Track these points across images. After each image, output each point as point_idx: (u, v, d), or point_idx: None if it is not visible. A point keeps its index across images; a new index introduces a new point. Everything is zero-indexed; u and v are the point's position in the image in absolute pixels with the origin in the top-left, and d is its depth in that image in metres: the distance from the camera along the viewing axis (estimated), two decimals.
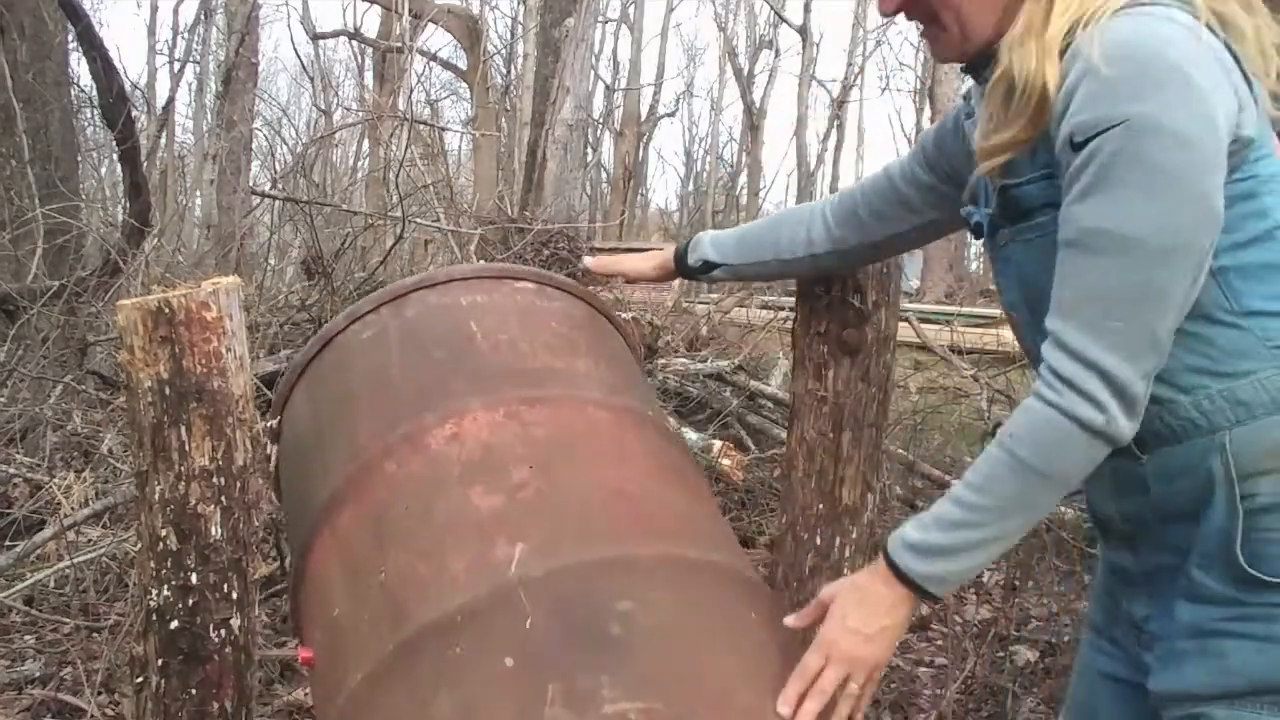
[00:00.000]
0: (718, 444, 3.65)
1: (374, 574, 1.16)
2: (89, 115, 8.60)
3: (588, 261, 1.67)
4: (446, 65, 18.61)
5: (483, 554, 1.10)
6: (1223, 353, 1.07)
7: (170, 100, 11.78)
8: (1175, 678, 1.11)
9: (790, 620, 1.18)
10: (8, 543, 3.03)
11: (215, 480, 1.44)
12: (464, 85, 18.20)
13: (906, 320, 6.47)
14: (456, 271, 1.48)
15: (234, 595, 1.47)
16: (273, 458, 1.49)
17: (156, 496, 1.43)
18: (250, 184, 9.27)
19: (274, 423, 1.48)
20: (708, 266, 1.57)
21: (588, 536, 1.13)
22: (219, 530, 1.45)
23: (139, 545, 1.47)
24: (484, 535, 1.12)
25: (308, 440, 1.42)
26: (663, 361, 4.44)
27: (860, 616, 1.13)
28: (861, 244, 1.47)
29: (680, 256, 1.61)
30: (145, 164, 5.77)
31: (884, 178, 1.45)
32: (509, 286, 1.45)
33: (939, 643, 3.23)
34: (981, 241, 1.28)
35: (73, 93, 6.56)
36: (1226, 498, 1.06)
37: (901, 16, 1.18)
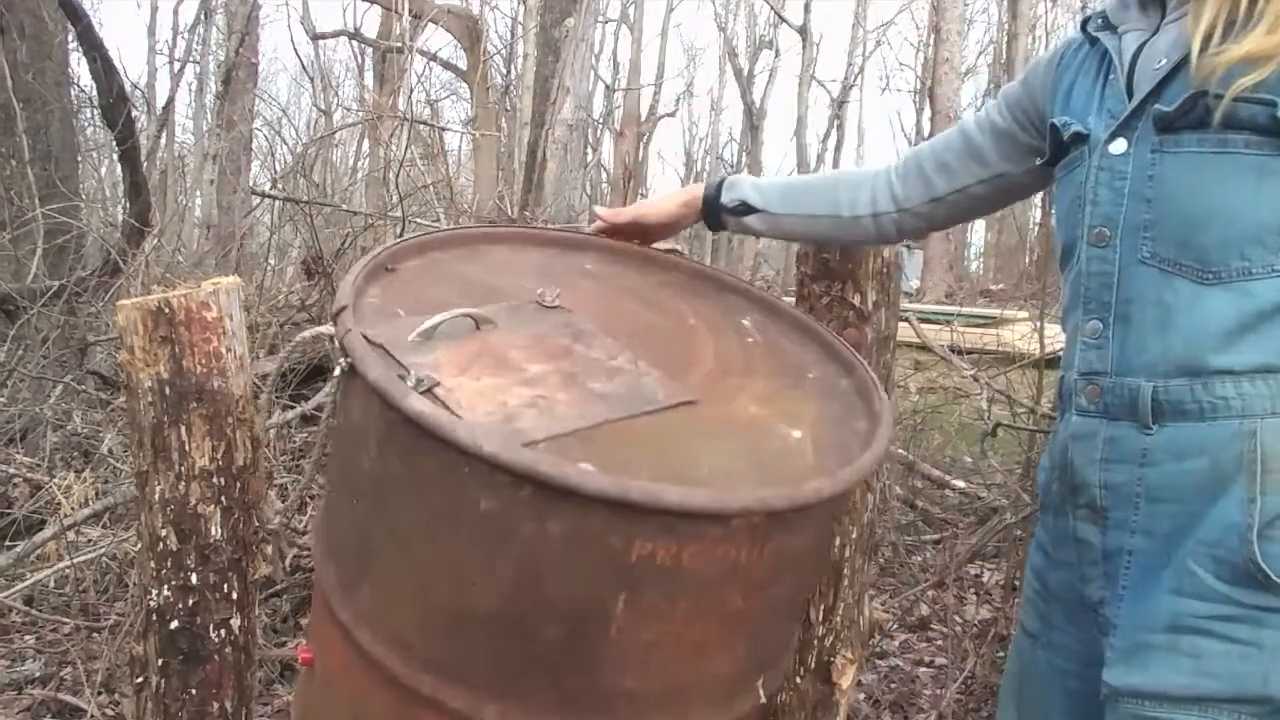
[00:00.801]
0: None
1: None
2: (89, 115, 8.60)
3: (598, 211, 1.49)
4: (446, 65, 18.60)
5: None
6: None
7: (170, 100, 11.76)
8: (1140, 673, 1.06)
9: None
10: (8, 543, 3.03)
11: (215, 480, 1.44)
12: (464, 85, 18.20)
13: (906, 320, 6.45)
14: (664, 498, 0.92)
15: (234, 595, 1.47)
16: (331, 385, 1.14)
17: (156, 496, 1.43)
18: (250, 184, 9.26)
19: (345, 364, 1.07)
20: (744, 209, 1.45)
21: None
22: (219, 530, 1.45)
23: (139, 545, 1.47)
24: None
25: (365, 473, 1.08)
26: None
27: None
28: (926, 202, 1.38)
29: (711, 197, 1.46)
30: (145, 164, 5.77)
31: (955, 130, 1.38)
32: (721, 529, 0.96)
33: (939, 643, 3.23)
34: (1058, 163, 1.21)
35: (73, 93, 6.55)
36: (1246, 489, 1.01)
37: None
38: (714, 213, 1.47)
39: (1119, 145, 1.12)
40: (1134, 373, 1.10)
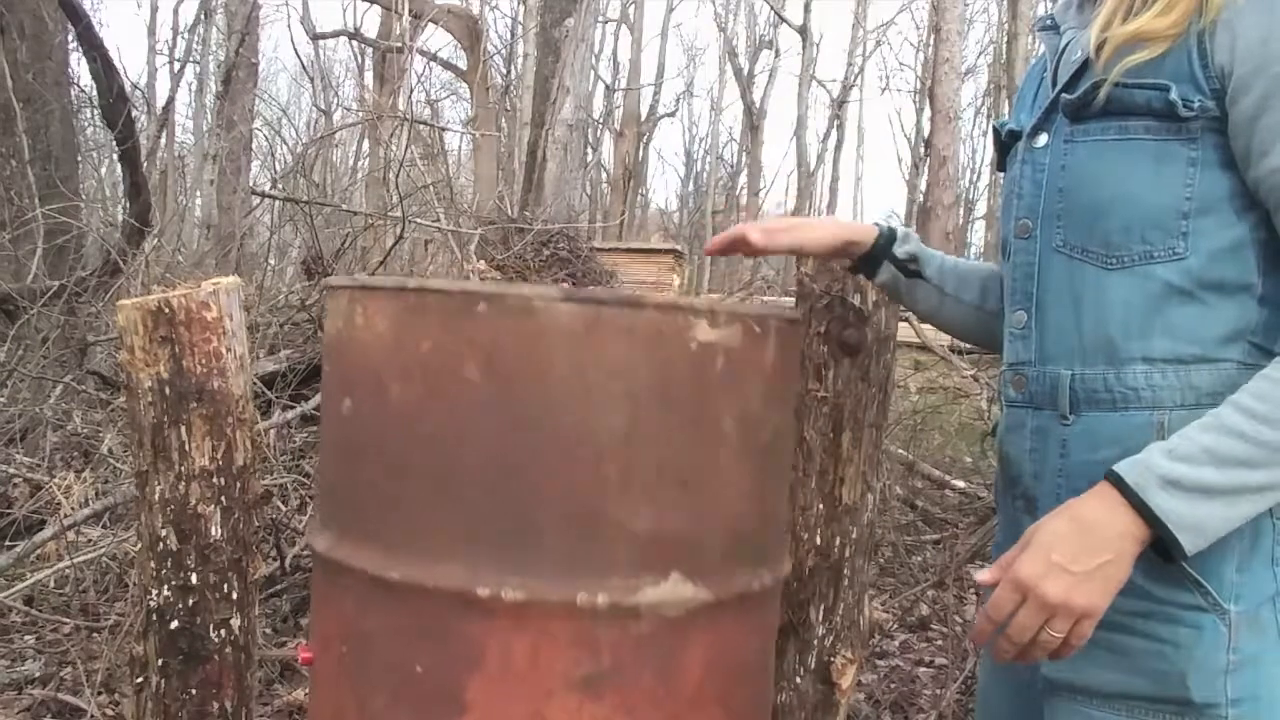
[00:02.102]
0: None
1: None
2: (89, 115, 8.60)
3: (750, 234, 1.28)
4: (446, 65, 18.61)
5: None
6: (1214, 331, 1.02)
7: (170, 100, 11.77)
8: (1072, 669, 1.05)
9: (982, 576, 1.03)
10: (8, 543, 3.04)
11: (215, 480, 1.44)
12: (464, 85, 18.20)
13: (906, 320, 6.47)
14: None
15: (234, 595, 1.47)
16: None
17: (156, 496, 1.43)
18: (250, 184, 9.26)
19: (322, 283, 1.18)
20: (914, 269, 1.34)
21: None
22: (219, 530, 1.45)
23: (139, 545, 1.47)
24: None
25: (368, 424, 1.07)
26: None
27: (1071, 549, 0.96)
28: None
29: (883, 244, 1.33)
30: (145, 164, 5.77)
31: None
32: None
33: (939, 643, 3.23)
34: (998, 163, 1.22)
35: (73, 93, 6.56)
36: None
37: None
38: (879, 256, 1.35)
39: (1041, 139, 1.14)
40: (1054, 361, 1.11)
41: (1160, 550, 0.96)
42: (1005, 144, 1.23)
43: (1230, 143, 1.00)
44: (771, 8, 22.98)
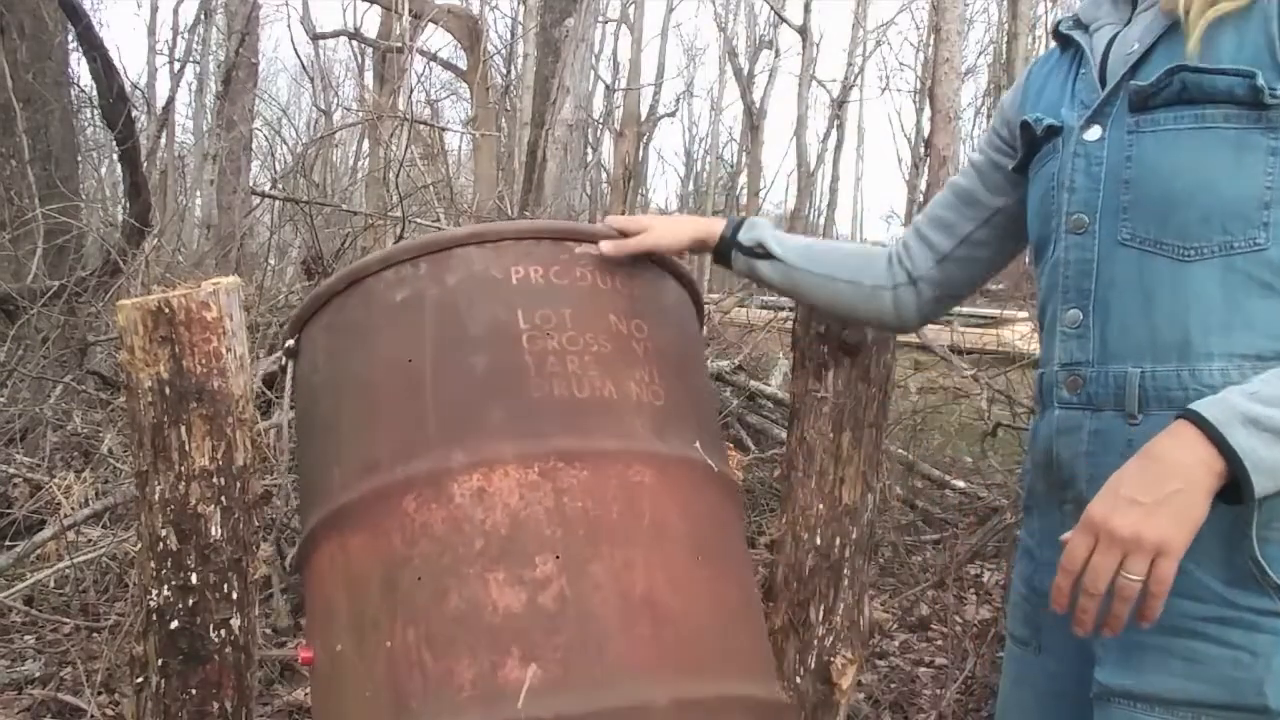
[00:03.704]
0: None
1: (380, 634, 1.12)
2: (89, 115, 8.60)
3: (611, 221, 1.41)
4: (446, 65, 18.60)
5: (493, 668, 1.07)
6: None
7: (170, 100, 11.76)
8: (1132, 675, 1.03)
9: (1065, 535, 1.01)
10: (8, 543, 3.04)
11: (215, 480, 1.44)
12: (464, 85, 18.19)
13: None
14: (510, 230, 1.29)
15: (234, 595, 1.47)
16: (288, 374, 1.41)
17: (156, 496, 1.43)
18: (250, 184, 9.26)
19: (290, 343, 1.40)
20: (761, 252, 1.41)
21: (605, 670, 1.07)
22: (219, 530, 1.45)
23: (139, 545, 1.47)
24: (497, 643, 1.08)
25: (324, 405, 1.31)
26: None
27: (1140, 482, 0.94)
28: (935, 264, 1.35)
29: (728, 235, 1.42)
30: (145, 164, 5.77)
31: (945, 189, 1.37)
32: (569, 255, 1.29)
33: (939, 643, 3.23)
34: (1031, 161, 1.20)
35: (73, 93, 6.56)
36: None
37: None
38: (727, 248, 1.44)
39: (1094, 132, 1.11)
40: (1119, 359, 1.07)
41: (1228, 496, 0.93)
42: (1040, 139, 1.18)
43: None
44: (771, 8, 22.98)
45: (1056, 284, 1.14)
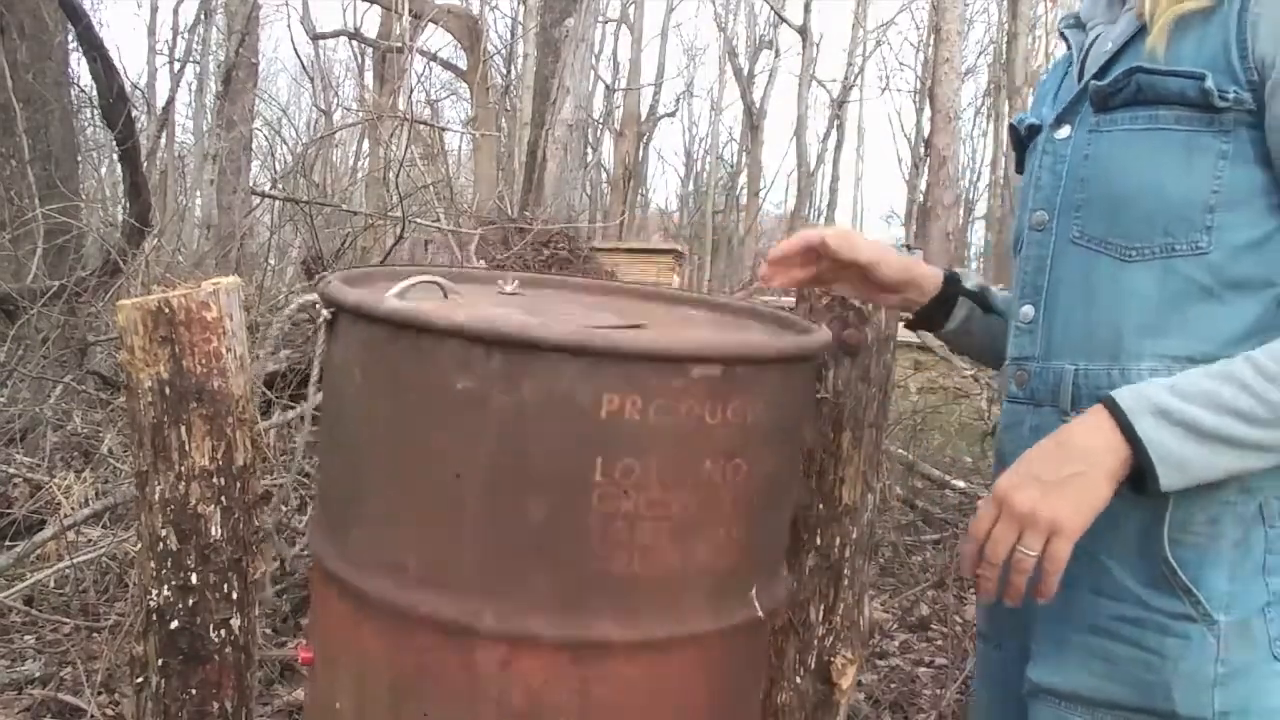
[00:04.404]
0: None
1: None
2: (89, 115, 8.60)
3: (828, 240, 1.24)
4: (446, 65, 18.61)
5: None
6: (1230, 330, 0.98)
7: (170, 100, 11.78)
8: (1058, 672, 1.04)
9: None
10: (8, 543, 3.04)
11: (215, 480, 1.44)
12: (464, 85, 18.20)
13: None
14: (622, 345, 1.00)
15: (234, 595, 1.47)
16: (318, 345, 1.21)
17: (156, 496, 1.43)
18: (250, 184, 9.27)
19: (327, 314, 1.17)
20: (985, 303, 1.29)
21: None
22: (219, 530, 1.45)
23: (139, 545, 1.48)
24: None
25: (352, 429, 1.13)
26: None
27: (1045, 461, 0.96)
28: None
29: (951, 279, 1.29)
30: (145, 164, 5.77)
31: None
32: (682, 381, 1.01)
33: (939, 643, 3.23)
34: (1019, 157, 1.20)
35: (73, 93, 6.56)
36: None
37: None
38: (948, 299, 1.29)
39: (1063, 131, 1.11)
40: (1060, 356, 1.08)
41: (1136, 486, 0.95)
42: (1024, 140, 1.20)
43: (1266, 137, 0.97)
44: (771, 8, 22.98)
45: (1018, 281, 1.15)
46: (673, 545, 1.04)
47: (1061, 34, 1.23)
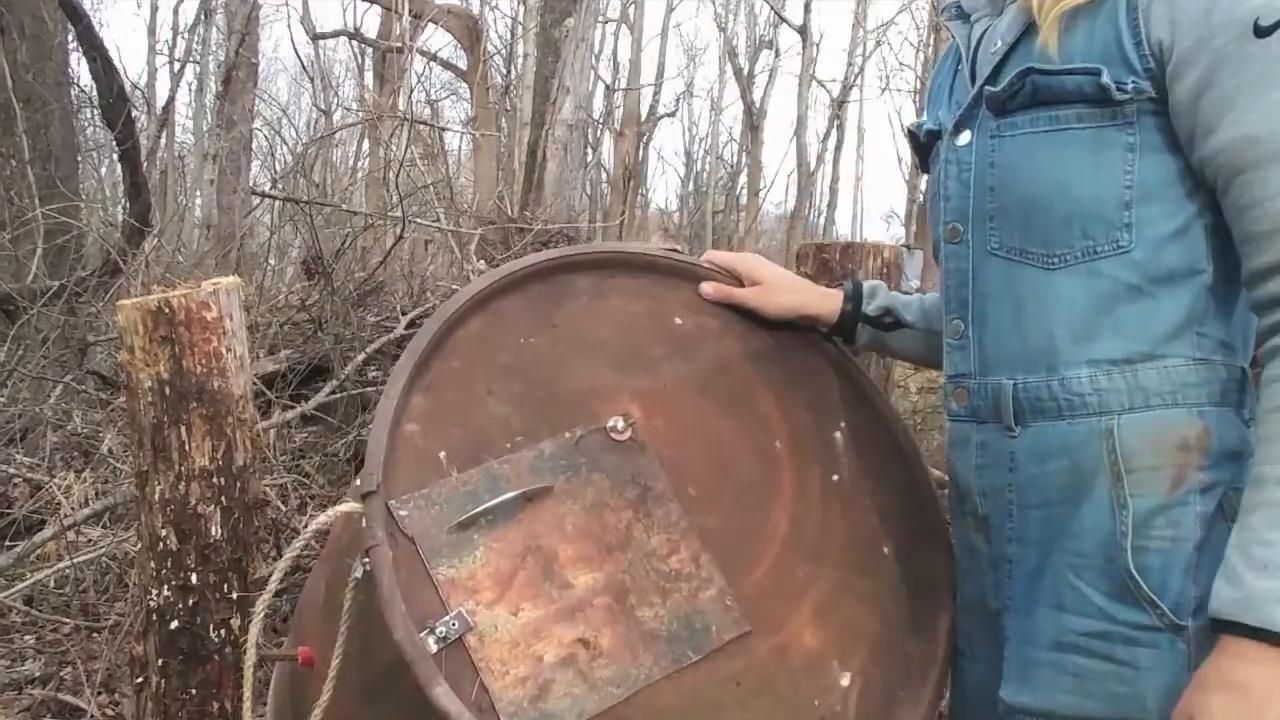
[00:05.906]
0: None
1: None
2: (89, 115, 8.60)
3: (713, 256, 1.31)
4: (446, 65, 18.60)
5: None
6: (1163, 326, 0.97)
7: (170, 100, 11.78)
8: (1029, 691, 1.02)
9: None
10: (8, 543, 3.03)
11: (215, 480, 1.44)
12: (464, 85, 18.19)
13: None
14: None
15: (234, 595, 1.47)
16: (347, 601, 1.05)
17: (156, 496, 1.43)
18: (250, 184, 9.27)
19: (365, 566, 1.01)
20: (891, 321, 1.30)
21: None
22: (219, 530, 1.45)
23: (139, 545, 1.48)
24: None
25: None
26: None
27: (1244, 715, 0.86)
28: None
29: (851, 310, 1.30)
30: (145, 164, 5.77)
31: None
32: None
33: None
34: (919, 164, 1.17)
35: (73, 93, 6.56)
36: (1111, 493, 0.96)
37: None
38: (850, 323, 1.31)
39: (964, 137, 1.08)
40: (995, 370, 1.06)
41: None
42: (925, 145, 1.17)
43: (1172, 123, 0.95)
44: (771, 8, 22.97)
45: (944, 294, 1.13)
46: None
47: (945, 26, 1.19)
